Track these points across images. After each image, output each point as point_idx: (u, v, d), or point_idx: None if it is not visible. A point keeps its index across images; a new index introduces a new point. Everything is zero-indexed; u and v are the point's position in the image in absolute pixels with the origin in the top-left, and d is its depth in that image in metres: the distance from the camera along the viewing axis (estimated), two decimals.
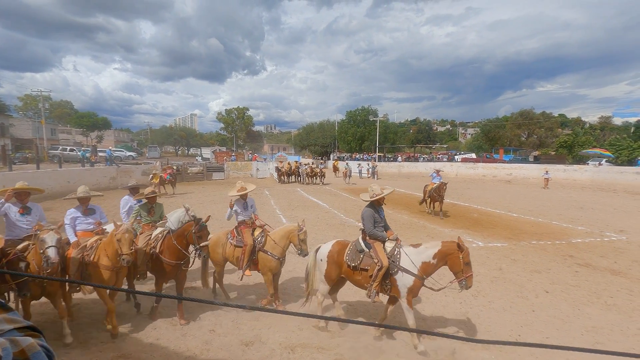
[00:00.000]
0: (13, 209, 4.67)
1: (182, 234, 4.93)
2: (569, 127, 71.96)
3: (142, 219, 5.83)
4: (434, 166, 26.34)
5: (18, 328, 0.81)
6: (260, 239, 5.45)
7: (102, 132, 61.00)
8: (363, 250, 4.63)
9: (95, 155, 28.82)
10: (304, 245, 5.19)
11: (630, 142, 39.44)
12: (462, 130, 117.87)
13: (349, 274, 4.73)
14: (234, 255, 5.49)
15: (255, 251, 5.39)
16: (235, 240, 5.53)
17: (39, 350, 0.74)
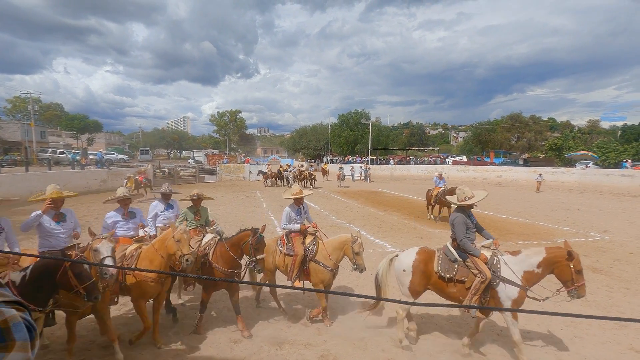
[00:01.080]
0: (46, 217, 4.28)
1: (237, 242, 4.63)
2: (558, 130, 73.23)
3: (188, 222, 5.51)
4: (436, 170, 25.25)
5: (6, 302, 0.87)
6: (312, 248, 5.05)
7: (93, 134, 60.39)
8: (457, 260, 4.22)
9: (85, 158, 28.57)
10: (359, 259, 4.69)
11: (616, 145, 40.34)
12: (454, 134, 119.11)
13: (440, 286, 4.27)
14: (284, 264, 5.16)
15: (306, 261, 5.02)
16: (285, 248, 5.18)
17: (20, 322, 0.81)
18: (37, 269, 3.28)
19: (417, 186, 27.16)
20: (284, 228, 5.31)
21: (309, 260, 5.01)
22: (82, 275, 3.31)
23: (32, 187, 16.51)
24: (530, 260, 4.03)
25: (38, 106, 52.08)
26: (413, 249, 4.56)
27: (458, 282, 4.14)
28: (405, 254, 4.53)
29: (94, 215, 13.13)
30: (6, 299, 0.87)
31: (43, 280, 3.27)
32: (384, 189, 24.50)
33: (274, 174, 27.29)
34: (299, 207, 5.43)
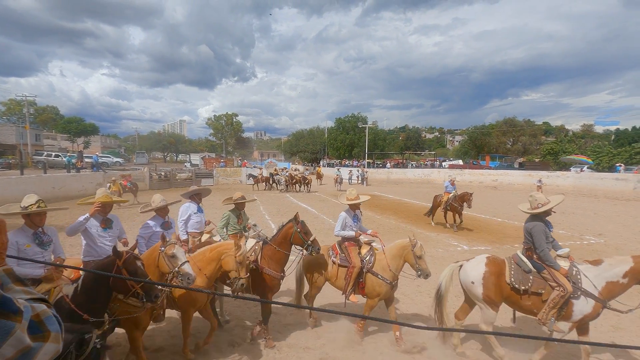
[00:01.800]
0: (94, 224, 4.03)
1: (285, 238, 4.52)
2: (552, 134, 73.98)
3: (230, 226, 5.27)
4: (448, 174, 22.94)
5: (33, 299, 0.95)
6: (369, 259, 4.65)
7: (89, 138, 60.12)
8: (531, 271, 3.98)
9: (81, 161, 28.39)
10: (422, 264, 4.33)
11: (610, 149, 40.79)
12: (450, 138, 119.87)
13: (514, 298, 4.02)
14: (338, 276, 4.74)
15: (362, 273, 4.61)
16: (338, 259, 4.75)
17: (50, 315, 0.90)
18: (88, 278, 3.11)
19: (414, 190, 27.28)
20: (338, 234, 4.92)
21: (366, 271, 4.59)
22: (138, 274, 3.12)
23: (27, 191, 16.28)
24: (615, 270, 3.75)
25: (33, 109, 51.81)
26: (480, 259, 4.27)
27: (533, 295, 3.90)
28: (472, 265, 4.25)
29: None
30: (33, 296, 0.95)
31: (96, 287, 3.08)
32: (381, 193, 24.56)
33: (264, 178, 26.59)
34: (356, 213, 5.04)
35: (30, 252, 3.35)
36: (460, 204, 11.87)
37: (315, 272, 4.86)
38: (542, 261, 3.95)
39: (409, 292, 6.28)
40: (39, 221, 3.53)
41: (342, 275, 4.68)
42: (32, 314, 0.85)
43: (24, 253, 3.30)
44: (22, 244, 3.35)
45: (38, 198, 3.48)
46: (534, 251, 4.04)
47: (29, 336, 0.81)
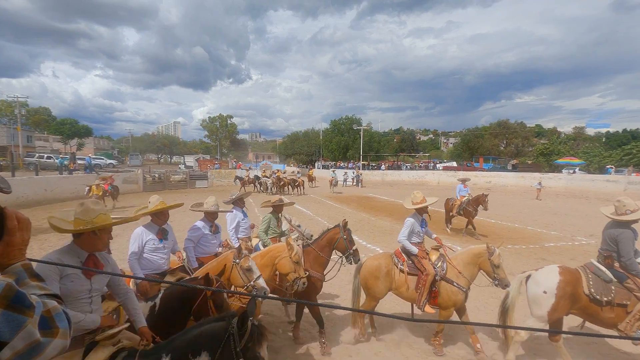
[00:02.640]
0: (150, 236, 3.72)
1: (329, 243, 4.47)
2: (544, 137, 74.85)
3: (271, 230, 5.16)
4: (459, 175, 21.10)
5: (47, 294, 0.99)
6: (442, 265, 4.37)
7: (82, 139, 59.55)
8: (612, 280, 3.71)
9: (73, 163, 28.13)
10: (501, 273, 4.05)
11: (601, 150, 41.38)
12: (444, 140, 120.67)
13: (592, 310, 3.74)
14: (407, 286, 4.39)
15: (435, 281, 4.30)
16: (407, 266, 4.44)
17: (61, 312, 0.93)
18: (170, 299, 2.84)
19: (409, 191, 27.29)
20: (402, 242, 4.56)
21: (440, 279, 4.29)
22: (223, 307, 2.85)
23: (18, 193, 16.19)
24: None
25: (25, 110, 51.20)
26: (551, 268, 4.01)
27: (618, 306, 3.63)
28: (544, 275, 3.96)
29: None
30: (47, 292, 0.99)
31: (177, 311, 2.83)
32: (376, 194, 24.65)
33: (251, 180, 25.94)
34: (423, 218, 4.75)
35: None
36: (475, 207, 11.14)
37: (376, 281, 4.49)
38: (627, 270, 3.70)
39: None
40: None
41: (413, 285, 4.35)
42: (43, 309, 0.88)
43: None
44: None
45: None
46: (615, 259, 3.81)
47: (39, 331, 0.84)
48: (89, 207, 2.30)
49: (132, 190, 23.28)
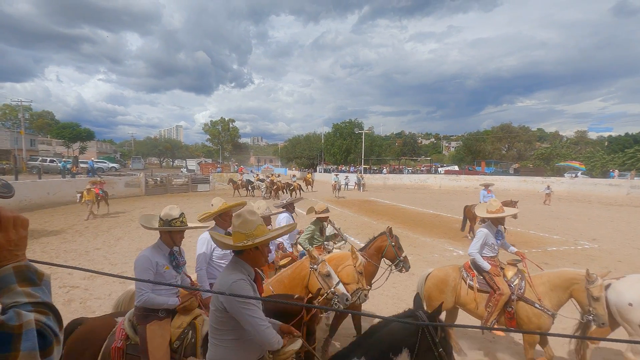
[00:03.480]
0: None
1: (377, 251, 4.31)
2: (547, 140, 74.68)
3: (315, 239, 4.98)
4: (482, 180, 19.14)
5: (33, 302, 0.87)
6: (520, 283, 3.86)
7: (85, 143, 59.88)
8: None
9: (76, 167, 28.25)
10: (599, 308, 3.40)
11: (603, 154, 41.24)
12: (445, 144, 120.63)
13: None
14: (475, 304, 3.99)
15: (511, 301, 3.82)
16: (477, 282, 4.05)
17: (32, 328, 0.79)
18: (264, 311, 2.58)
19: (410, 195, 27.38)
20: (473, 256, 4.13)
21: (517, 299, 3.80)
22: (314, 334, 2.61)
23: (21, 196, 16.26)
24: None
25: (29, 114, 51.59)
26: (636, 278, 3.72)
27: None
28: (627, 285, 3.65)
29: (85, 224, 12.94)
30: (34, 300, 0.88)
31: None
32: (377, 198, 24.62)
33: (244, 184, 25.43)
34: (498, 229, 4.26)
35: (167, 277, 2.73)
36: None
37: (441, 295, 4.14)
38: None
39: None
40: (179, 239, 2.89)
41: (483, 302, 3.94)
42: (15, 323, 0.76)
43: (161, 277, 2.68)
44: (161, 265, 2.71)
45: (180, 211, 2.84)
46: None
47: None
48: (247, 218, 2.15)
49: (134, 193, 23.35)
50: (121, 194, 22.39)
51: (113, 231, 11.65)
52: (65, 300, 5.82)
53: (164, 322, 2.59)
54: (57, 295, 5.98)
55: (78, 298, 5.92)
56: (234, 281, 1.93)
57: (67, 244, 9.74)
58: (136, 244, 9.81)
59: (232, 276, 1.97)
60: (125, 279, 3.07)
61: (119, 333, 2.57)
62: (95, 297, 5.96)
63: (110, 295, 6.05)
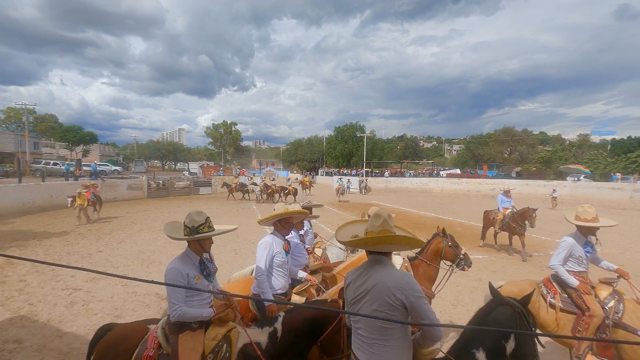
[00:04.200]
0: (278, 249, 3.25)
1: (435, 254, 4.14)
2: (549, 144, 74.56)
3: None
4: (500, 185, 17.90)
5: None
6: (617, 306, 3.25)
7: (88, 146, 60.22)
8: None
9: (79, 169, 28.41)
10: None
11: (605, 157, 41.09)
12: (447, 147, 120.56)
13: None
14: (556, 325, 3.45)
15: (605, 326, 3.21)
16: (559, 300, 3.50)
17: None
18: (298, 323, 2.45)
19: (412, 198, 27.36)
20: (553, 268, 3.63)
21: (614, 324, 3.17)
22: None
23: (24, 199, 16.37)
24: None
25: (32, 117, 51.98)
26: None
27: None
28: None
29: (87, 227, 13.00)
30: None
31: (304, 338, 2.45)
32: (380, 201, 24.61)
33: (238, 188, 24.64)
34: (588, 240, 3.70)
35: (200, 287, 2.57)
36: (519, 223, 9.62)
37: None
38: None
39: None
40: (209, 245, 2.68)
41: (567, 325, 3.39)
42: None
43: (192, 290, 2.53)
44: (192, 277, 2.52)
45: (207, 215, 2.64)
46: None
47: None
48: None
49: (136, 196, 23.44)
50: (124, 196, 22.48)
51: (115, 234, 11.69)
52: (67, 302, 5.85)
53: (197, 333, 2.48)
54: (59, 298, 6.02)
55: (80, 300, 5.94)
56: (409, 276, 2.00)
57: (69, 247, 9.78)
58: (138, 247, 9.85)
59: (400, 273, 2.05)
60: (148, 282, 3.07)
61: (151, 341, 2.48)
62: (98, 300, 5.99)
63: (112, 297, 6.08)
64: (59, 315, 5.40)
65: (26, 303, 5.79)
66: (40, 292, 6.29)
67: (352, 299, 2.10)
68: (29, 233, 11.52)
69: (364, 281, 2.04)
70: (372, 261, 2.10)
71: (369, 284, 2.00)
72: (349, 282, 2.16)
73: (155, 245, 10.04)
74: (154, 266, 8.08)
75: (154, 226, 13.30)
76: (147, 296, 6.16)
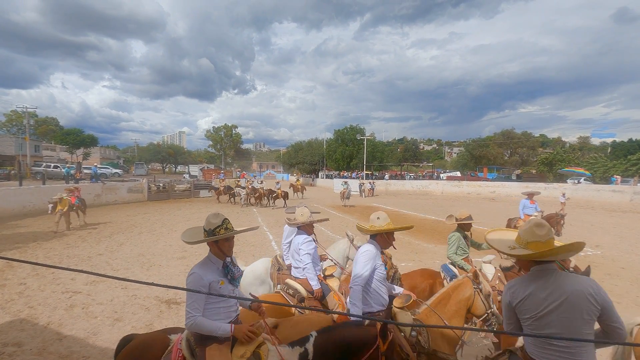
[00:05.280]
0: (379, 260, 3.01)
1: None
2: (550, 146, 74.57)
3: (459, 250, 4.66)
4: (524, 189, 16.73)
5: None
6: None
7: (88, 149, 60.32)
8: None
9: (79, 172, 28.45)
10: None
11: (605, 160, 41.08)
12: (448, 149, 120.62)
13: None
14: None
15: None
16: None
17: None
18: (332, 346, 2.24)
19: (412, 201, 27.36)
20: None
21: None
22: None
23: (25, 202, 16.39)
24: None
25: (34, 120, 52.13)
26: None
27: None
28: None
29: (87, 230, 13.00)
30: None
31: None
32: (380, 204, 24.60)
33: (225, 191, 23.89)
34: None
35: (225, 293, 2.40)
36: None
37: None
38: None
39: None
40: (229, 248, 2.51)
41: None
42: None
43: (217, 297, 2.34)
44: (215, 282, 2.36)
45: (224, 217, 2.50)
46: None
47: None
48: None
49: (137, 199, 23.45)
50: (124, 199, 22.49)
51: (116, 237, 11.70)
52: (67, 305, 5.86)
53: (224, 346, 2.30)
54: (59, 301, 6.02)
55: (80, 303, 5.95)
56: (593, 279, 2.02)
57: (70, 249, 9.79)
58: (138, 249, 9.85)
59: (582, 277, 2.03)
60: (160, 286, 3.06)
61: (175, 353, 2.32)
62: (98, 303, 5.99)
63: (112, 300, 6.08)
64: (58, 318, 5.40)
65: (26, 306, 5.79)
66: (40, 295, 6.30)
67: (535, 312, 2.00)
68: (29, 236, 11.54)
69: (550, 292, 1.97)
70: (544, 270, 2.05)
71: (560, 293, 1.94)
72: (525, 296, 2.04)
73: (155, 248, 10.04)
74: (154, 269, 8.08)
75: (154, 229, 13.31)
76: (147, 299, 6.16)
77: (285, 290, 3.61)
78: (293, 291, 3.53)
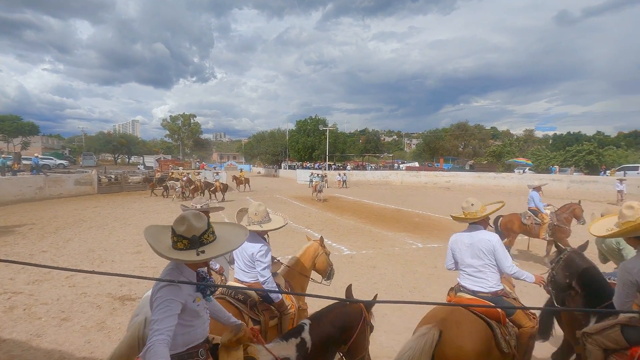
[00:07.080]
0: None
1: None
2: (499, 139, 79.65)
3: None
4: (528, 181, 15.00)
5: None
6: None
7: (28, 138, 55.10)
8: None
9: (18, 164, 25.93)
10: None
11: (547, 152, 44.69)
12: (407, 141, 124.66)
13: None
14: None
15: None
16: None
17: None
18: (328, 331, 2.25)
19: (373, 191, 28.07)
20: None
21: None
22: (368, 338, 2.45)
23: None
24: None
25: None
26: None
27: None
28: None
29: (28, 226, 11.97)
30: None
31: (334, 345, 2.29)
32: (341, 195, 24.99)
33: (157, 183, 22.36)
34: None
35: (201, 310, 1.90)
36: (567, 223, 7.78)
37: None
38: None
39: None
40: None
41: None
42: None
43: (195, 314, 1.84)
44: (192, 298, 1.82)
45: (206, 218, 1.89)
46: None
47: None
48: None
49: (85, 192, 21.93)
50: (71, 192, 20.94)
51: (61, 232, 10.88)
52: (6, 307, 5.38)
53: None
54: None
55: (21, 304, 5.49)
56: None
57: (8, 247, 8.98)
58: (88, 245, 9.25)
59: None
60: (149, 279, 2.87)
61: None
62: (42, 303, 5.57)
63: (59, 299, 5.68)
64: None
65: None
66: None
67: None
68: None
69: None
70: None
71: None
72: None
73: (107, 243, 9.48)
74: (106, 265, 7.64)
75: (106, 223, 12.55)
76: (99, 297, 5.82)
77: (233, 296, 3.08)
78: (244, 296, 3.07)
